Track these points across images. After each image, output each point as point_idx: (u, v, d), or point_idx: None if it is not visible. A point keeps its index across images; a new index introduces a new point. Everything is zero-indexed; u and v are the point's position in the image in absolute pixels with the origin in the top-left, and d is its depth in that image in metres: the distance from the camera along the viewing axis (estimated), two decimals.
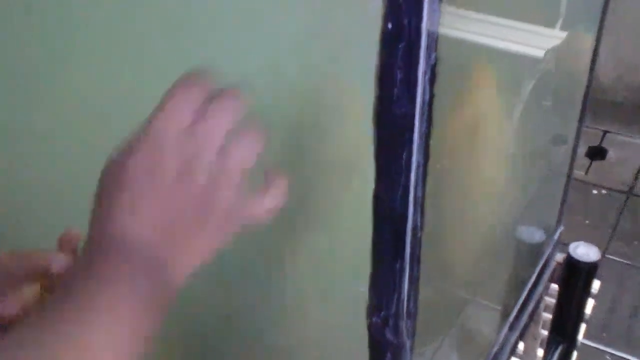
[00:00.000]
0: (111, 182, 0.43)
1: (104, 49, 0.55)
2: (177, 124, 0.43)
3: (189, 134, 0.43)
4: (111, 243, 0.42)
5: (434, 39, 0.41)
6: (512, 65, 1.03)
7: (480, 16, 0.81)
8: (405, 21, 0.39)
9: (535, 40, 1.08)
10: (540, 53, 1.08)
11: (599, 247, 1.29)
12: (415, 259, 0.53)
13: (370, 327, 0.57)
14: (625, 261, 2.42)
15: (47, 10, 0.56)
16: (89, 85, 0.56)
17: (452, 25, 0.55)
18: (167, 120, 0.43)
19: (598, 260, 1.27)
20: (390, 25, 0.40)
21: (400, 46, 0.41)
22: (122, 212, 0.42)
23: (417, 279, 0.55)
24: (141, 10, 0.52)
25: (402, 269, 0.53)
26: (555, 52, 1.12)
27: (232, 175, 0.44)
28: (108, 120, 0.48)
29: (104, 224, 0.42)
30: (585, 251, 1.25)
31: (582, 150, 2.82)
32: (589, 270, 1.28)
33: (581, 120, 1.28)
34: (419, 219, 0.51)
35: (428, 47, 0.41)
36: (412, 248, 0.52)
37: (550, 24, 1.14)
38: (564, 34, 1.15)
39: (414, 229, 0.51)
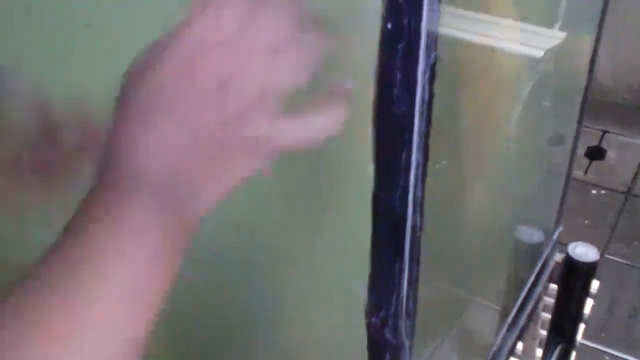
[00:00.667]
0: (133, 96, 0.37)
1: (104, 49, 0.55)
2: (216, 32, 0.36)
3: (229, 46, 0.36)
4: (129, 171, 0.36)
5: (433, 38, 0.42)
6: (512, 65, 1.03)
7: (480, 16, 0.81)
8: (405, 21, 0.40)
9: (534, 40, 1.08)
10: (539, 53, 1.09)
11: (598, 248, 1.29)
12: (415, 259, 0.53)
13: (369, 327, 0.57)
14: (624, 261, 2.43)
15: (47, 10, 0.56)
16: (88, 86, 0.56)
17: (452, 25, 0.55)
18: (204, 28, 0.36)
19: (597, 261, 1.27)
20: (389, 25, 0.40)
21: (399, 46, 0.41)
22: (142, 136, 0.36)
23: (417, 279, 0.55)
24: (141, 9, 0.52)
25: (401, 269, 0.53)
26: (555, 53, 1.12)
27: (272, 99, 0.38)
28: (108, 121, 0.47)
29: (122, 146, 0.37)
30: (584, 251, 1.25)
31: (581, 150, 2.83)
32: (588, 270, 1.28)
33: (580, 120, 1.29)
34: (418, 219, 0.51)
35: (428, 47, 0.41)
36: (411, 248, 0.52)
37: (549, 24, 1.14)
38: (563, 35, 1.15)
39: (413, 228, 0.51)
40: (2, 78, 0.49)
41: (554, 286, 1.36)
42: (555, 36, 1.16)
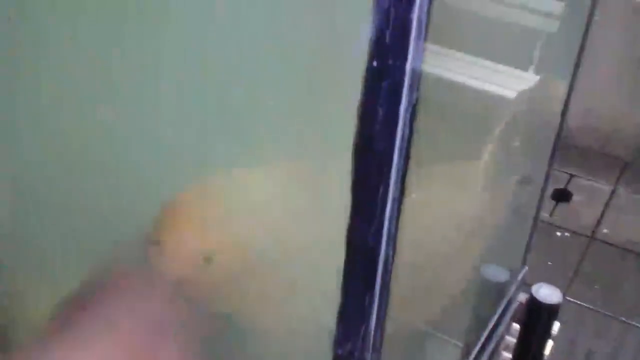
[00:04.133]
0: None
1: (104, 49, 0.54)
2: None
3: None
4: None
5: (417, 78, 0.42)
6: (486, 104, 1.05)
7: (459, 55, 0.82)
8: (391, 60, 0.40)
9: (508, 82, 1.10)
10: (512, 94, 1.11)
11: (560, 289, 1.31)
12: (385, 293, 0.54)
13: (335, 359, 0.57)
14: (584, 304, 2.45)
15: (43, 10, 0.55)
16: (88, 86, 0.56)
17: (433, 63, 0.56)
18: None
19: (560, 303, 1.29)
20: (375, 63, 0.41)
21: (384, 84, 0.41)
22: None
23: (385, 312, 0.55)
24: (140, 10, 0.52)
25: (371, 302, 0.53)
26: (528, 95, 1.14)
27: None
28: (109, 121, 0.47)
29: None
30: (547, 293, 1.27)
31: (547, 192, 2.86)
32: (551, 312, 1.29)
33: (551, 163, 1.31)
34: (391, 253, 0.52)
35: (411, 86, 0.42)
36: (382, 281, 0.52)
37: (524, 66, 1.17)
38: (537, 78, 1.17)
39: (386, 262, 0.52)
40: None
41: (516, 326, 1.37)
42: (529, 79, 1.18)
